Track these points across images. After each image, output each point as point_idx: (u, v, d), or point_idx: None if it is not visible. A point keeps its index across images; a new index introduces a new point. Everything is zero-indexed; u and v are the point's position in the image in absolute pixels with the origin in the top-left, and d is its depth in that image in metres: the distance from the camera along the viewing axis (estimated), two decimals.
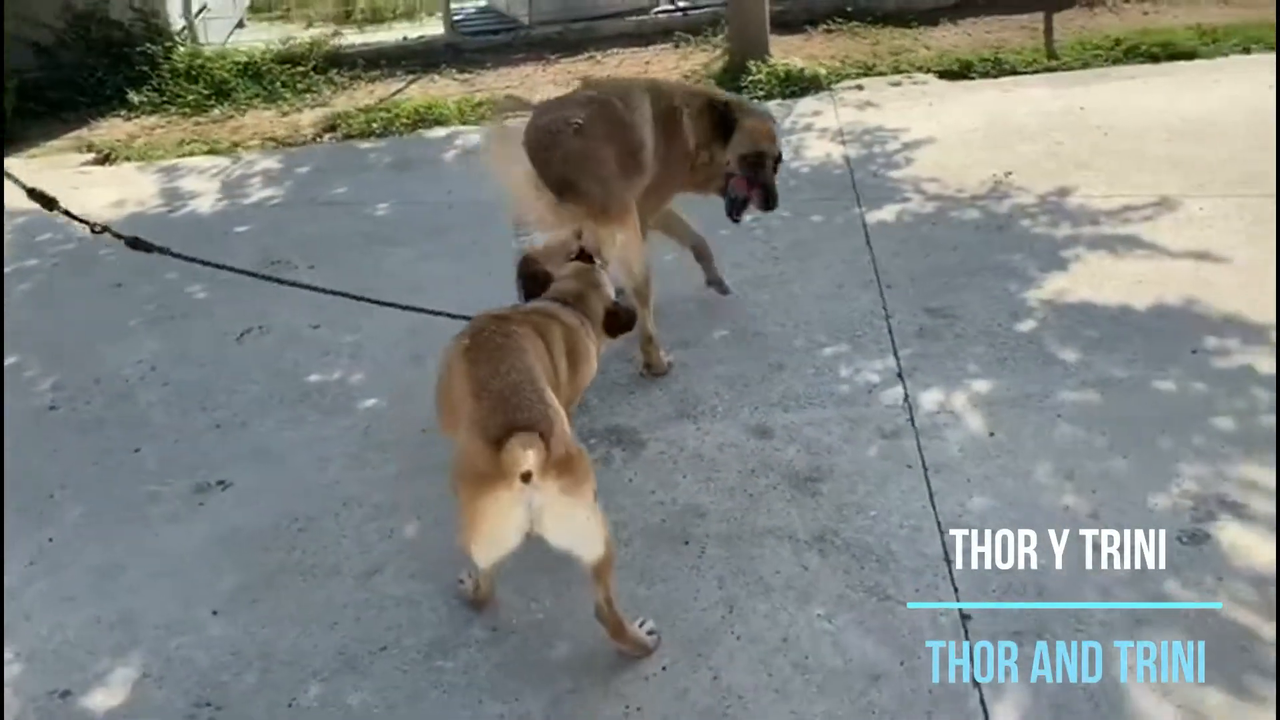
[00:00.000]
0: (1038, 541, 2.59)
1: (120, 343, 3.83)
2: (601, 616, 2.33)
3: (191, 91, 6.91)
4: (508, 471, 2.03)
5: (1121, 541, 2.57)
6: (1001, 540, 2.60)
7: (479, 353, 2.30)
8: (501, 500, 2.09)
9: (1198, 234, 4.04)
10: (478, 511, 2.13)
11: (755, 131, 3.46)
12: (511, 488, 2.06)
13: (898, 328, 3.58)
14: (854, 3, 7.76)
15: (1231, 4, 7.43)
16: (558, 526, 2.17)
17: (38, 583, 2.72)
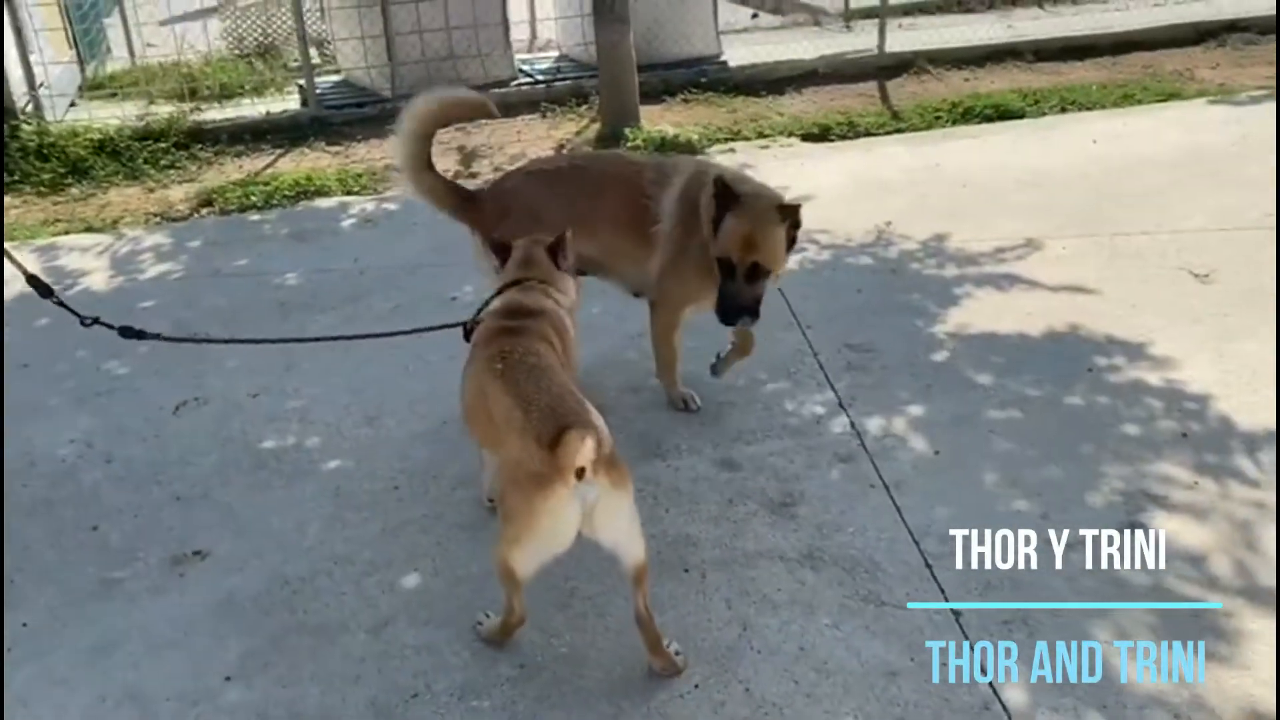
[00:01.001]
0: (1004, 542, 2.87)
1: (46, 422, 3.65)
2: (643, 624, 2.44)
3: (45, 170, 6.60)
4: (564, 466, 2.15)
5: (1074, 536, 2.89)
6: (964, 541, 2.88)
7: (514, 372, 2.42)
8: (559, 496, 2.19)
9: (1066, 270, 4.52)
10: (535, 511, 2.23)
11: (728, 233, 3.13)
12: (568, 484, 2.18)
13: (827, 363, 3.85)
14: (706, 74, 8.24)
15: (1037, 70, 8.32)
16: (609, 522, 2.29)
17: (24, 668, 2.58)
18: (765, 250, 3.10)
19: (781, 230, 3.11)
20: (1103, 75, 7.96)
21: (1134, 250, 4.65)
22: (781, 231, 3.11)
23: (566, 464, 2.14)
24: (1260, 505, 2.97)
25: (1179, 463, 3.19)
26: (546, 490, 2.20)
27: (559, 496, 2.19)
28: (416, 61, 7.93)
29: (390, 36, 7.88)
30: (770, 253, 3.12)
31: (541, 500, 2.21)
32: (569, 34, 8.73)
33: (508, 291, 2.76)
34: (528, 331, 2.58)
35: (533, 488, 2.22)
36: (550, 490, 2.19)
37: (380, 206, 5.85)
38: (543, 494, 2.20)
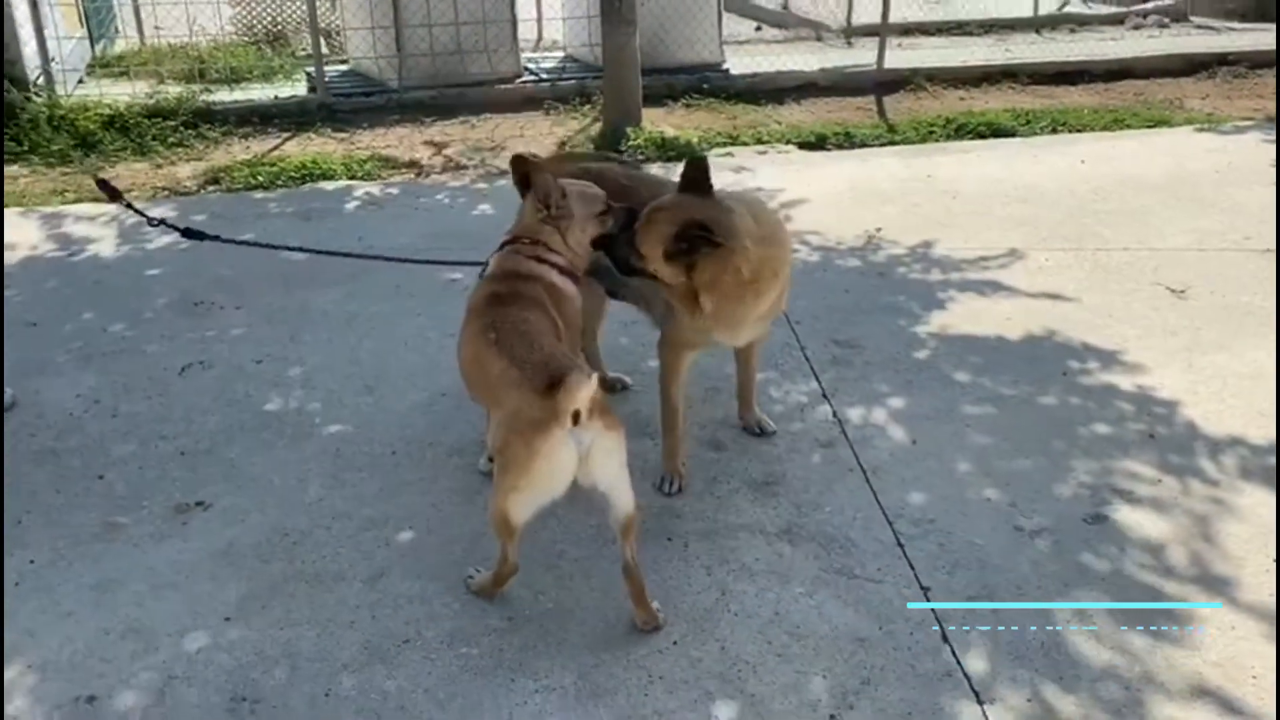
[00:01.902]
0: (974, 525, 3.01)
1: (55, 378, 3.77)
2: (629, 574, 2.59)
3: (55, 141, 6.73)
4: (561, 409, 2.29)
5: (1040, 523, 3.03)
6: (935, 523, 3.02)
7: (507, 339, 2.57)
8: (556, 438, 2.33)
9: (1047, 280, 4.67)
10: (534, 453, 2.35)
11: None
12: (564, 426, 2.32)
13: (813, 357, 3.99)
14: (708, 80, 8.40)
15: (1031, 92, 8.52)
16: (604, 465, 2.43)
17: (31, 601, 2.69)
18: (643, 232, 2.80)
19: (665, 231, 2.74)
20: (1095, 100, 8.16)
21: (1114, 265, 4.81)
22: (665, 233, 2.74)
23: (563, 407, 2.28)
24: (1218, 502, 3.11)
25: (1145, 461, 3.33)
26: (544, 433, 2.32)
27: (556, 438, 2.32)
28: (424, 54, 8.09)
29: (400, 28, 8.03)
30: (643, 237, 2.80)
31: (541, 442, 2.33)
32: (575, 34, 8.89)
33: (502, 253, 2.89)
34: (519, 298, 2.71)
35: (531, 432, 2.35)
36: (548, 432, 2.32)
37: (384, 191, 5.98)
38: (541, 436, 2.33)
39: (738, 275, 2.77)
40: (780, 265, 2.92)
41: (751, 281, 2.80)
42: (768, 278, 2.85)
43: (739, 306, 2.86)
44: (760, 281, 2.83)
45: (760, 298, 2.87)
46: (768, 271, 2.84)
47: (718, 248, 2.70)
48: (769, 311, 3.04)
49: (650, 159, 6.55)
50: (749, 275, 2.78)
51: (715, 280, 2.76)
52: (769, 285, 2.87)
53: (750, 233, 2.78)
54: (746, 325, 2.99)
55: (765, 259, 2.82)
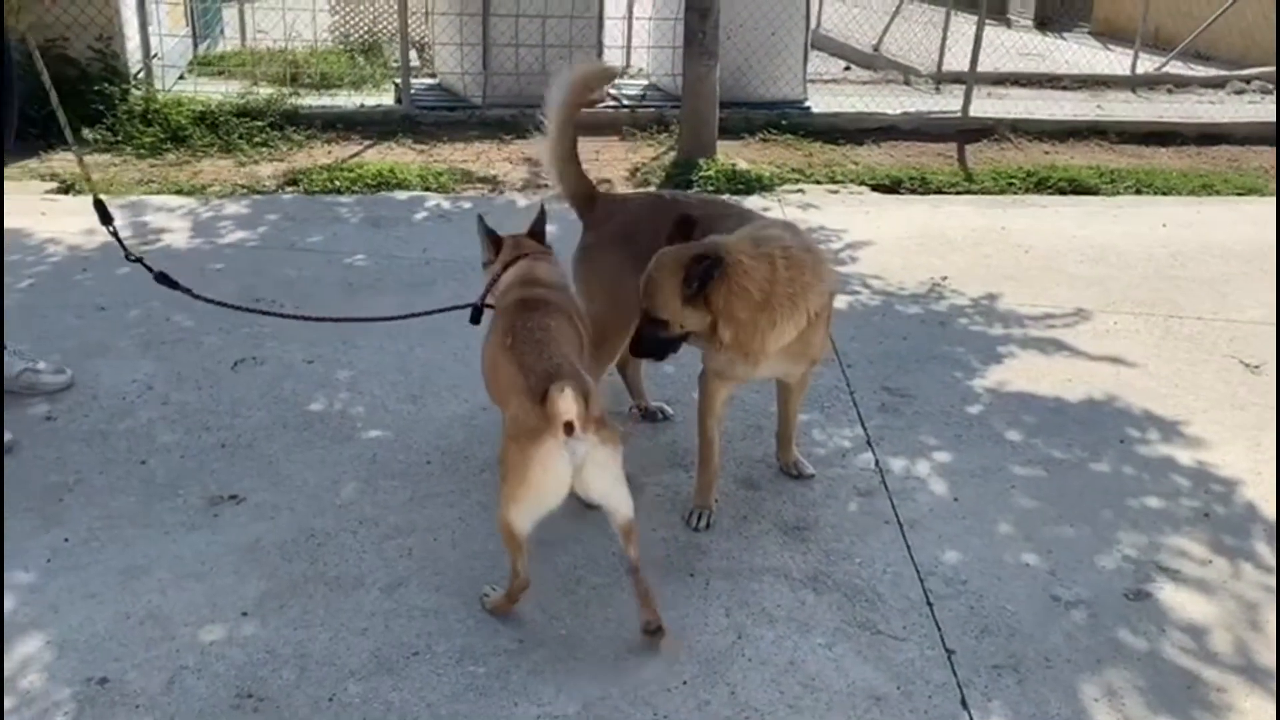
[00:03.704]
0: (1008, 590, 2.92)
1: (114, 362, 3.87)
2: (635, 576, 2.62)
3: (147, 134, 6.95)
4: (554, 418, 2.34)
5: (1079, 594, 2.92)
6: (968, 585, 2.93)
7: (520, 344, 2.62)
8: (548, 447, 2.37)
9: (1113, 344, 4.54)
10: (528, 463, 2.41)
11: None
12: (557, 436, 2.36)
13: (861, 402, 3.92)
14: (787, 116, 8.38)
15: (1118, 150, 8.32)
16: (598, 476, 2.47)
17: (60, 579, 2.75)
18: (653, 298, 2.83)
19: (674, 281, 2.77)
20: (1184, 163, 7.95)
21: (1186, 334, 4.65)
22: (674, 282, 2.77)
23: (555, 416, 2.33)
24: (1270, 589, 2.97)
25: (1196, 540, 3.20)
26: (538, 442, 2.37)
27: (549, 448, 2.37)
28: (509, 73, 8.20)
29: (487, 46, 8.16)
30: (657, 301, 2.82)
31: (534, 451, 2.38)
32: (659, 63, 8.95)
33: (521, 262, 2.94)
34: (547, 305, 2.76)
35: (526, 441, 2.40)
36: (541, 442, 2.37)
37: (455, 204, 6.06)
38: (535, 445, 2.38)
39: (748, 297, 2.74)
40: (799, 291, 2.81)
41: (764, 306, 2.76)
42: (782, 302, 2.78)
43: (755, 333, 2.80)
44: (774, 308, 2.78)
45: (776, 326, 2.81)
46: (781, 294, 2.77)
47: (723, 267, 2.70)
48: (798, 348, 2.95)
49: (720, 190, 6.52)
50: (760, 297, 2.75)
51: (729, 306, 2.74)
52: (785, 311, 2.80)
53: (744, 249, 2.76)
54: (767, 355, 2.90)
55: (776, 280, 2.76)
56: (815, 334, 2.97)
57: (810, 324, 2.88)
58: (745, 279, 2.73)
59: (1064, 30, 15.54)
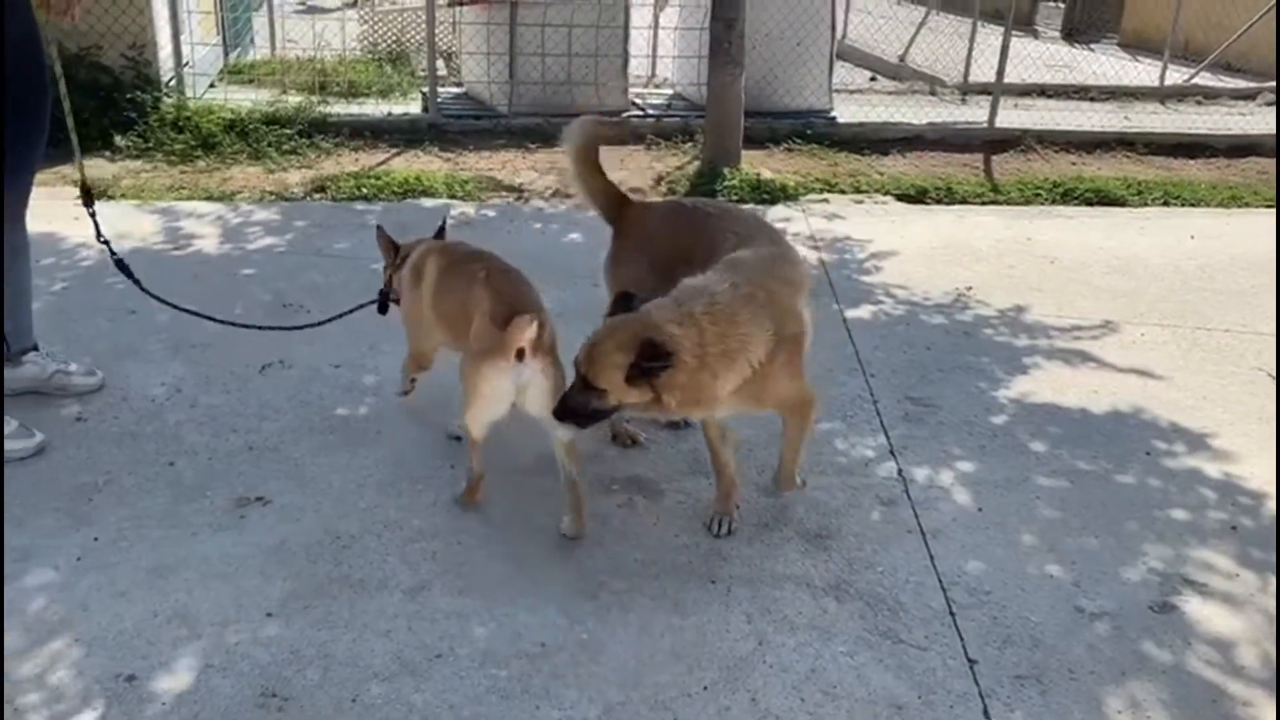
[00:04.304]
0: (1031, 601, 2.90)
1: (143, 365, 3.92)
2: (573, 488, 3.00)
3: (178, 141, 7.04)
4: (509, 343, 2.72)
5: (1103, 606, 2.91)
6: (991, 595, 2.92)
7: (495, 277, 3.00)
8: (499, 368, 2.78)
9: (1140, 355, 4.51)
10: (480, 376, 2.82)
11: None
12: (509, 359, 2.75)
13: (885, 411, 3.91)
14: (812, 126, 8.38)
15: (1146, 162, 8.26)
16: (537, 399, 2.85)
17: (89, 577, 2.79)
18: (594, 366, 2.71)
19: (622, 358, 2.67)
20: (1214, 175, 7.89)
21: (1214, 346, 4.62)
22: (621, 360, 2.67)
23: (510, 341, 2.71)
24: None
25: (1223, 553, 3.17)
26: (491, 361, 2.78)
27: (499, 368, 2.78)
28: (535, 83, 8.25)
29: (514, 56, 8.20)
30: (598, 371, 2.70)
31: (487, 367, 2.80)
32: (684, 73, 8.98)
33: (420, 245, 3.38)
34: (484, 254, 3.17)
35: (481, 359, 2.81)
36: (493, 361, 2.77)
37: (480, 212, 6.10)
38: (488, 362, 2.79)
39: (683, 367, 2.67)
40: (734, 346, 2.73)
41: (700, 368, 2.70)
42: (717, 358, 2.71)
43: (698, 391, 2.73)
44: (710, 366, 2.71)
45: (718, 378, 2.74)
46: (714, 352, 2.70)
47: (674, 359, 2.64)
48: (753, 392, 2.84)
49: (744, 200, 6.53)
50: (694, 362, 2.68)
51: (668, 380, 2.68)
52: (723, 366, 2.73)
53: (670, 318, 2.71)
54: (720, 403, 2.82)
55: (705, 341, 2.70)
56: (770, 380, 2.85)
57: (758, 372, 2.80)
58: (680, 353, 2.66)
59: (1091, 41, 15.46)
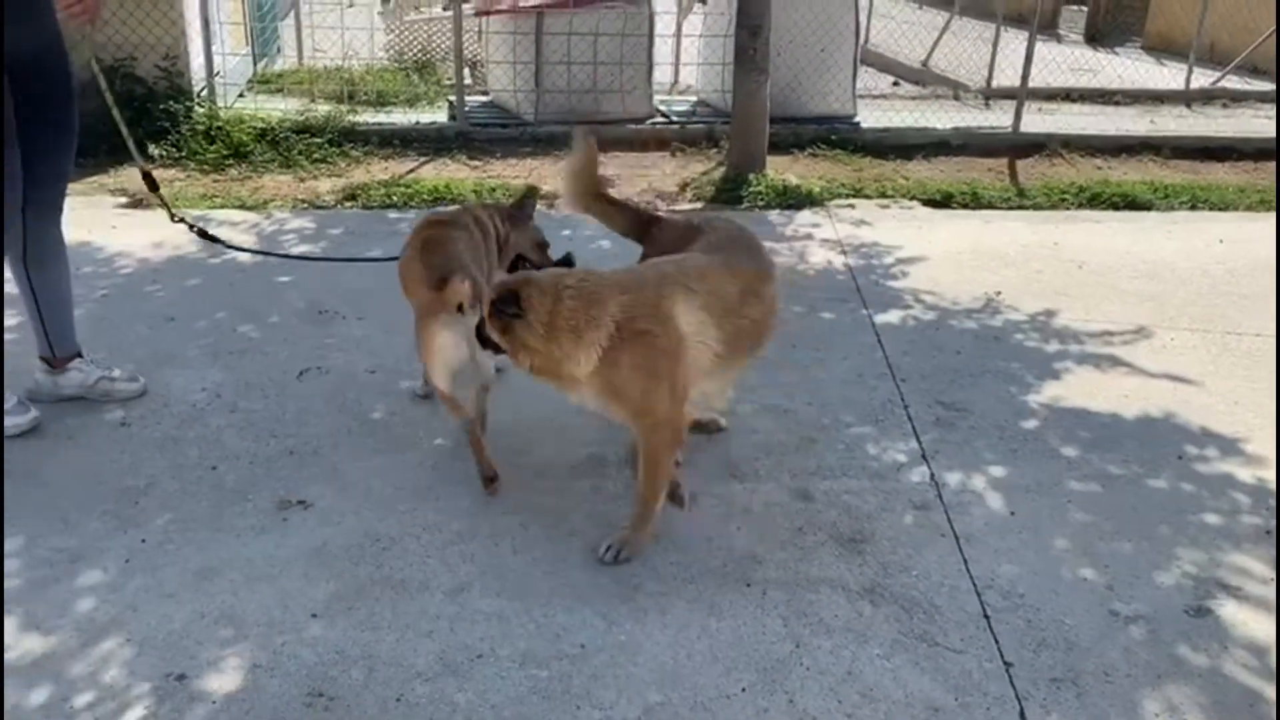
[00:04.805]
0: (1065, 605, 2.92)
1: (184, 370, 3.99)
2: (472, 430, 3.33)
3: (210, 150, 7.14)
4: (447, 300, 3.03)
5: (1137, 610, 2.92)
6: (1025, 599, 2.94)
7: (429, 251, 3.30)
8: (443, 321, 3.06)
9: (1171, 360, 4.51)
10: (430, 335, 3.10)
11: None
12: (450, 312, 3.04)
13: (916, 416, 3.93)
14: (837, 131, 8.40)
15: (1173, 166, 8.24)
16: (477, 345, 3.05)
17: (137, 579, 2.85)
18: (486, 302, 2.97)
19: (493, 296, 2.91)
20: (1241, 179, 7.86)
21: (1243, 350, 4.61)
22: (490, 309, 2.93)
23: (448, 299, 3.02)
24: None
25: (1258, 557, 3.18)
26: (434, 318, 3.07)
27: (444, 321, 3.06)
28: (561, 91, 8.31)
29: (540, 65, 8.27)
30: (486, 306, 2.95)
31: (433, 325, 3.08)
32: (708, 80, 9.01)
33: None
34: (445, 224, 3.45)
35: (427, 318, 3.10)
36: (436, 319, 3.07)
37: None
38: (433, 320, 3.08)
39: (533, 330, 2.82)
40: (581, 324, 2.81)
41: (550, 339, 2.81)
42: (565, 334, 2.81)
43: (549, 362, 2.86)
44: (559, 340, 2.82)
45: (569, 357, 2.83)
46: (563, 326, 2.81)
47: (518, 310, 2.81)
48: (603, 384, 2.89)
49: (770, 205, 6.57)
50: (542, 330, 2.81)
51: (522, 336, 2.85)
52: (569, 342, 2.82)
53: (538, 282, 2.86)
54: (577, 383, 2.91)
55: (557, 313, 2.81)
56: (617, 377, 2.88)
57: (605, 362, 2.84)
58: (530, 312, 2.80)
59: (1115, 45, 15.40)
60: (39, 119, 3.31)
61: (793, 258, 5.62)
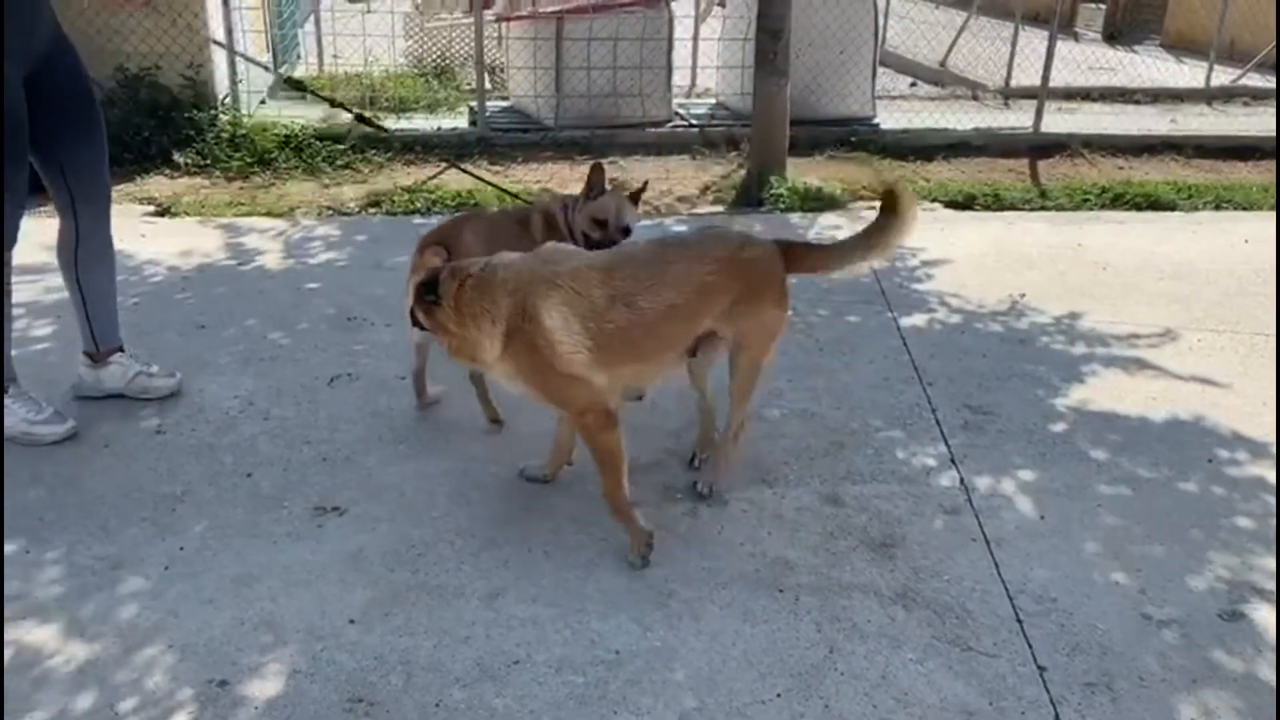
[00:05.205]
0: (1098, 609, 2.92)
1: (216, 378, 4.03)
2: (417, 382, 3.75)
3: (235, 158, 7.20)
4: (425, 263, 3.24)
5: (1171, 614, 2.92)
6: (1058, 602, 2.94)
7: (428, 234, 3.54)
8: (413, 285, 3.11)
9: (1198, 362, 4.49)
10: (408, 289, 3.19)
11: None
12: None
13: (944, 420, 3.94)
14: (856, 133, 8.40)
15: (1195, 166, 8.21)
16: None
17: (177, 585, 2.89)
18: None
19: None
20: (1265, 178, 7.81)
21: (1272, 351, 4.59)
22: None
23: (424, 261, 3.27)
24: None
25: None
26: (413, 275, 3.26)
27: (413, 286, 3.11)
28: (581, 95, 8.34)
29: (560, 69, 8.30)
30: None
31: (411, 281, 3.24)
32: (728, 82, 9.04)
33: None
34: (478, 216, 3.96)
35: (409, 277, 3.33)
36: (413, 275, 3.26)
37: None
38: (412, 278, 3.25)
39: (446, 311, 2.92)
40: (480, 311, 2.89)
41: (459, 321, 2.91)
42: (466, 318, 2.90)
43: (463, 345, 2.95)
44: (465, 323, 2.91)
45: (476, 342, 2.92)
46: (465, 311, 2.89)
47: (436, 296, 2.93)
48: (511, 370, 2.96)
49: (791, 208, 6.57)
50: (452, 313, 2.91)
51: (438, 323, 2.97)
52: (472, 327, 2.90)
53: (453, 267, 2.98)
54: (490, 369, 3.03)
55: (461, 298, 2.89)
56: (517, 364, 2.93)
57: (506, 349, 2.90)
58: (445, 298, 2.91)
59: (1134, 43, 15.35)
60: (61, 119, 3.35)
61: None
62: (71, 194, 3.47)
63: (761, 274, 3.16)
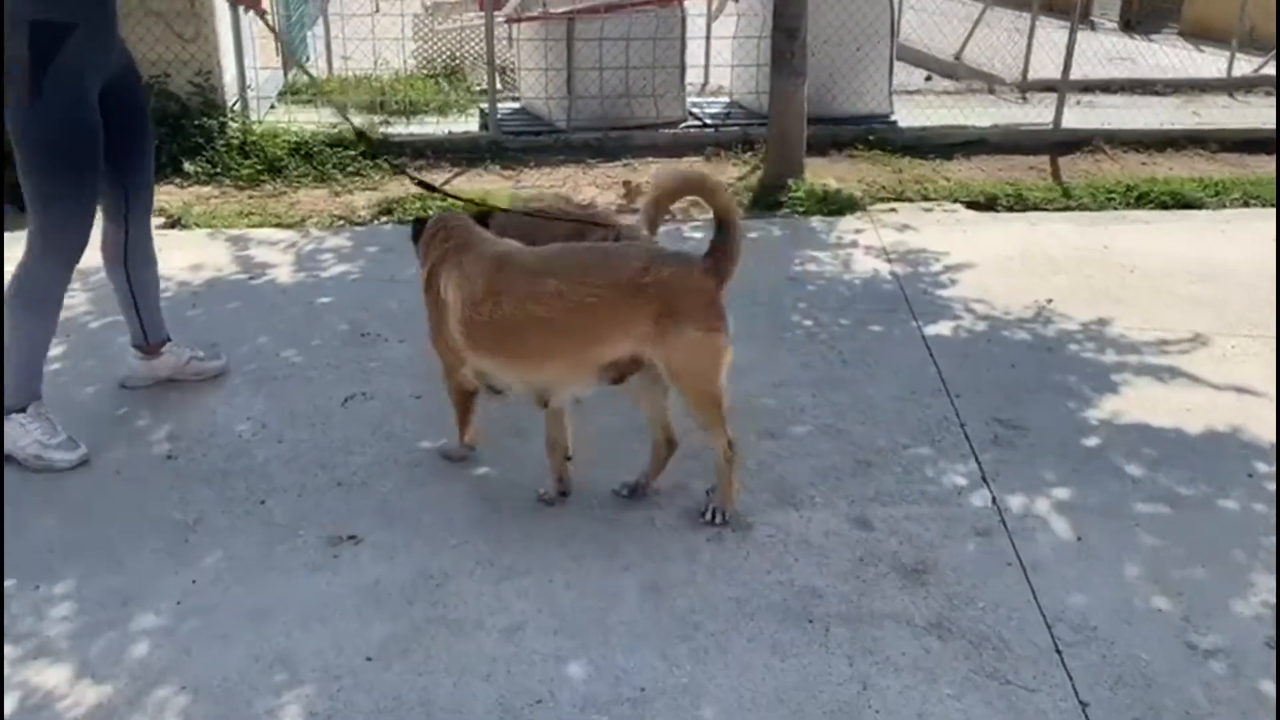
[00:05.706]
0: (1140, 638, 2.82)
1: (228, 399, 3.96)
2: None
3: (245, 166, 7.12)
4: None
5: (1216, 643, 2.81)
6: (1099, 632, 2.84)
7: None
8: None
9: (1234, 370, 4.37)
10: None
11: None
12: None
13: (973, 435, 3.83)
14: (874, 131, 8.27)
15: (1220, 160, 8.05)
16: None
17: (190, 621, 2.81)
18: None
19: None
20: None
21: None
22: None
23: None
24: None
25: None
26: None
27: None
28: (593, 96, 8.23)
29: (571, 70, 8.19)
30: None
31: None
32: (742, 82, 8.91)
33: None
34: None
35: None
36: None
37: None
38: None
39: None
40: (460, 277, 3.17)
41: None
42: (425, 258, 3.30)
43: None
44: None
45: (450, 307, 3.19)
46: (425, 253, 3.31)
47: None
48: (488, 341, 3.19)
49: (810, 211, 6.46)
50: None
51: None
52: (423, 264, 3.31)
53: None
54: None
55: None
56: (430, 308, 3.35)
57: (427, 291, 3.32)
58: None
59: (1151, 32, 15.13)
60: (125, 132, 3.53)
61: (838, 267, 5.52)
62: (127, 202, 3.68)
63: (677, 296, 2.96)
